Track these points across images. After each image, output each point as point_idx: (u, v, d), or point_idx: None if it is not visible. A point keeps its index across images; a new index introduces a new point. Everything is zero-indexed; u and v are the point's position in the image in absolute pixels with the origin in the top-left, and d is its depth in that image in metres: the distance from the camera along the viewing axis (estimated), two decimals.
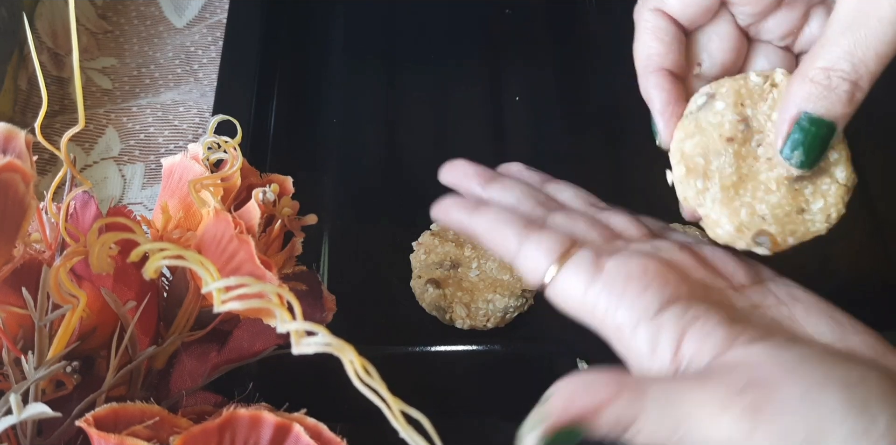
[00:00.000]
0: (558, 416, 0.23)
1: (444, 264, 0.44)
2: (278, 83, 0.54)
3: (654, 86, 0.31)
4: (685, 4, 0.31)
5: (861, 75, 0.26)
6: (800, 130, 0.27)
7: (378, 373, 0.23)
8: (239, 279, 0.24)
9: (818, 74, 0.26)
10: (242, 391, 0.32)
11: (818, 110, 0.26)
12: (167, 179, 0.35)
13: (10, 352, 0.28)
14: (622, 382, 0.24)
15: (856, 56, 0.26)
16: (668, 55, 0.31)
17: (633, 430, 0.23)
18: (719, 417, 0.23)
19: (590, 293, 0.27)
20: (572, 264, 0.27)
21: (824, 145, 0.27)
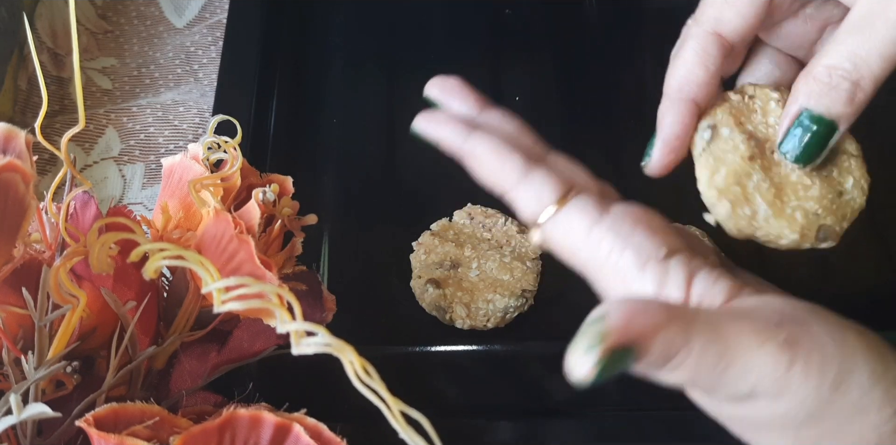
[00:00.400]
0: (618, 336, 0.22)
1: (444, 264, 0.44)
2: (278, 83, 0.54)
3: (673, 115, 0.30)
4: (744, 19, 0.29)
5: (863, 75, 0.26)
6: (799, 127, 0.27)
7: (378, 373, 0.23)
8: (239, 279, 0.24)
9: (821, 72, 0.26)
10: (242, 391, 0.32)
11: (818, 108, 0.27)
12: (167, 179, 0.35)
13: (10, 352, 0.28)
14: (673, 308, 0.23)
15: (859, 56, 0.26)
16: (705, 86, 0.30)
17: (675, 361, 0.23)
18: (759, 349, 0.23)
19: (594, 232, 0.25)
20: (578, 202, 0.26)
21: (823, 143, 0.27)
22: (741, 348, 0.23)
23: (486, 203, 0.47)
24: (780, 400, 0.23)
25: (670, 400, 0.42)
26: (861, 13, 0.26)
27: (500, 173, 0.27)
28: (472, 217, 0.46)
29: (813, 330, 0.24)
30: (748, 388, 0.23)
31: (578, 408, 0.42)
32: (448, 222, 0.46)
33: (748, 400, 0.24)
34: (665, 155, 0.30)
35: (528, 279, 0.43)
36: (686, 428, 0.40)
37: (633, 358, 0.22)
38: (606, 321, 0.22)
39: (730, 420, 0.26)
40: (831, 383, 0.23)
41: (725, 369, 0.23)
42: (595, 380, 0.22)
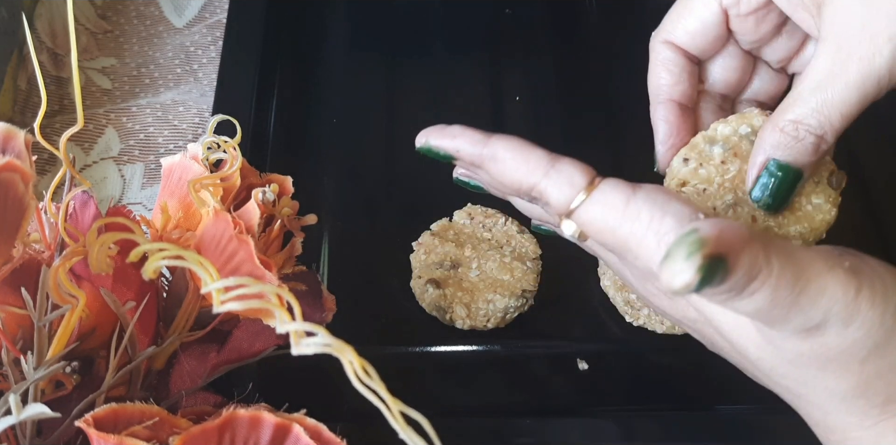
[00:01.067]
0: (715, 244, 0.22)
1: (444, 264, 0.44)
2: (278, 83, 0.54)
3: (660, 117, 0.33)
4: (692, 36, 0.33)
5: (826, 131, 0.29)
6: (768, 175, 0.29)
7: (378, 374, 0.23)
8: (238, 279, 0.24)
9: (788, 126, 0.29)
10: (242, 391, 0.32)
11: (786, 158, 0.29)
12: (167, 179, 0.35)
13: (9, 352, 0.28)
14: (752, 231, 0.24)
15: (822, 114, 0.28)
16: (676, 86, 0.33)
17: (756, 283, 0.23)
18: (829, 272, 0.24)
19: (631, 203, 0.25)
20: (609, 183, 0.26)
21: (790, 190, 0.30)
22: (814, 271, 0.23)
23: (486, 203, 0.47)
24: (849, 328, 0.24)
25: (671, 400, 0.42)
26: (823, 71, 0.28)
27: (525, 168, 0.27)
28: (472, 217, 0.46)
29: (870, 262, 0.25)
30: (820, 315, 0.24)
31: (579, 408, 0.41)
32: (448, 222, 0.46)
33: (818, 331, 0.24)
34: (668, 152, 0.33)
35: (529, 279, 0.43)
36: (686, 428, 0.40)
37: (724, 271, 0.22)
38: (700, 232, 0.22)
39: (791, 362, 0.26)
40: (892, 312, 0.24)
41: (801, 292, 0.23)
42: (698, 287, 0.22)
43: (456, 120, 0.53)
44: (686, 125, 0.34)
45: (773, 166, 0.29)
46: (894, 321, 0.24)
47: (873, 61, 0.27)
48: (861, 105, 0.28)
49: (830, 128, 0.28)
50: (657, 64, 0.34)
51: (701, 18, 0.32)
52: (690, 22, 0.33)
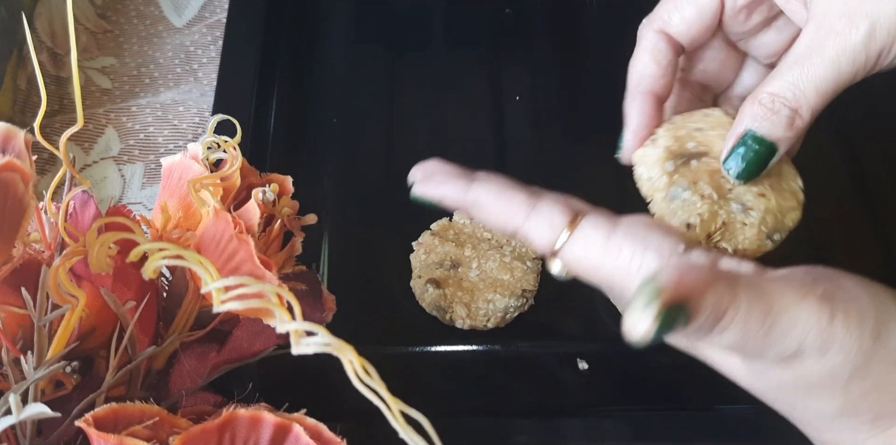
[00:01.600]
0: (672, 291, 0.22)
1: (444, 264, 0.44)
2: (278, 83, 0.54)
3: (637, 108, 0.33)
4: (689, 25, 0.33)
5: (801, 105, 0.29)
6: (743, 146, 0.29)
7: (378, 373, 0.23)
8: (238, 278, 0.24)
9: (765, 98, 0.29)
10: (242, 391, 0.32)
11: (761, 130, 0.29)
12: (167, 178, 0.35)
13: (9, 352, 0.28)
14: (717, 271, 0.24)
15: (798, 88, 0.28)
16: (660, 78, 0.33)
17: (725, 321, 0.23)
18: (801, 302, 0.24)
19: (612, 241, 0.26)
20: (589, 220, 0.26)
21: (763, 162, 0.29)
22: (784, 303, 0.24)
23: None
24: (827, 355, 0.24)
25: (671, 400, 0.42)
26: (803, 47, 0.29)
27: (507, 212, 0.28)
28: (473, 217, 0.46)
29: (845, 285, 0.25)
30: (795, 344, 0.24)
31: (579, 408, 0.41)
32: (448, 222, 0.46)
33: (796, 359, 0.24)
34: (635, 145, 0.33)
35: (529, 279, 0.43)
36: (686, 428, 0.40)
37: (686, 316, 0.22)
38: (659, 279, 0.23)
39: (777, 389, 0.26)
40: (870, 333, 0.24)
41: (772, 326, 0.24)
42: (654, 338, 0.22)
43: (456, 120, 0.53)
44: (659, 118, 0.34)
45: (749, 137, 0.29)
46: (872, 342, 0.24)
47: (849, 37, 0.27)
48: (837, 82, 0.28)
49: (805, 102, 0.28)
50: (646, 53, 0.33)
51: (699, 6, 0.32)
52: (688, 10, 0.32)
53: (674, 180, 0.30)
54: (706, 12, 0.32)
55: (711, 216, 0.30)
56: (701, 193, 0.30)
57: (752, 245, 0.30)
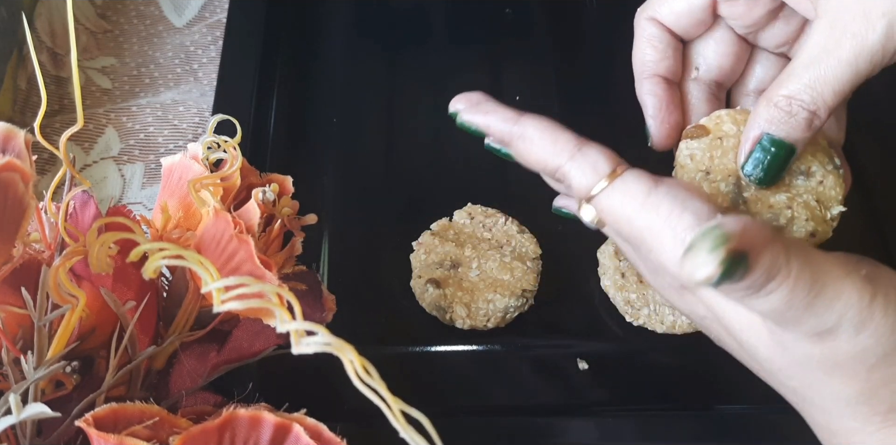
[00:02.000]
0: (739, 240, 0.22)
1: (444, 263, 0.44)
2: (278, 83, 0.54)
3: (647, 92, 0.33)
4: (677, 16, 0.33)
5: (819, 107, 0.28)
6: (761, 150, 0.29)
7: (378, 373, 0.23)
8: (238, 278, 0.24)
9: (781, 101, 0.28)
10: (242, 391, 0.32)
11: (779, 133, 0.29)
12: (167, 178, 0.35)
13: (9, 352, 0.28)
14: (774, 232, 0.24)
15: (815, 90, 0.28)
16: (661, 62, 0.33)
17: (775, 282, 0.23)
18: (846, 278, 0.24)
19: (652, 195, 0.25)
20: (632, 173, 0.26)
21: (782, 165, 0.29)
22: (831, 276, 0.24)
23: (486, 203, 0.47)
24: (861, 334, 0.24)
25: (671, 400, 0.42)
26: (817, 47, 0.28)
27: (553, 149, 0.27)
28: (473, 217, 0.46)
29: (887, 273, 0.25)
30: (834, 319, 0.24)
31: (579, 408, 0.41)
32: (448, 222, 0.46)
33: (829, 335, 0.24)
34: (660, 126, 0.33)
35: (529, 279, 0.43)
36: (686, 428, 0.40)
37: (745, 268, 0.22)
38: (725, 227, 0.22)
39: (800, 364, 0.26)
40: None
41: (817, 295, 0.24)
42: (718, 281, 0.22)
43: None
44: (675, 100, 0.33)
45: (767, 141, 0.29)
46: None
47: (866, 38, 0.27)
48: (854, 82, 0.28)
49: (823, 104, 0.28)
50: (642, 40, 0.33)
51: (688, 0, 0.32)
52: (677, 2, 0.32)
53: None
54: (695, 5, 0.32)
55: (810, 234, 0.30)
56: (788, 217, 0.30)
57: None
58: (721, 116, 0.31)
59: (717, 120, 0.31)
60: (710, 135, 0.31)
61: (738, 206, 0.30)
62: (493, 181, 0.48)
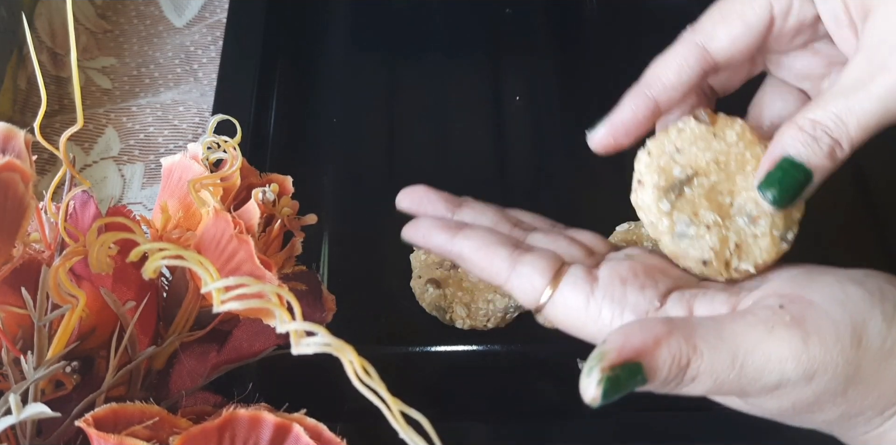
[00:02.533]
0: (617, 353, 0.23)
1: (444, 263, 0.44)
2: (278, 83, 0.54)
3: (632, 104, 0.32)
4: (732, 42, 0.31)
5: (842, 137, 0.28)
6: (780, 170, 0.28)
7: (378, 373, 0.23)
8: (238, 279, 0.24)
9: (806, 124, 0.28)
10: (242, 391, 0.32)
11: (800, 156, 0.28)
12: (167, 178, 0.35)
13: (9, 352, 0.28)
14: (672, 321, 0.25)
15: (841, 120, 0.27)
16: (671, 91, 0.31)
17: (691, 371, 0.24)
18: (770, 335, 0.24)
19: (592, 304, 0.27)
20: (569, 281, 0.28)
21: (799, 189, 0.28)
22: (752, 340, 0.24)
23: None
24: (813, 379, 0.24)
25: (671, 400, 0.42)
26: (851, 79, 0.28)
27: (490, 268, 0.29)
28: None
29: (815, 300, 0.25)
30: (776, 378, 0.24)
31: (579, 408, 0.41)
32: None
33: (782, 390, 0.24)
34: (606, 136, 0.32)
35: None
36: (686, 428, 0.40)
37: (642, 375, 0.23)
38: (606, 342, 0.24)
39: (779, 415, 0.27)
40: (850, 342, 0.24)
41: (742, 366, 0.24)
42: (603, 400, 0.23)
43: (456, 120, 0.53)
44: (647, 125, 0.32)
45: (786, 163, 0.28)
46: (855, 350, 0.24)
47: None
48: (882, 118, 0.27)
49: (847, 135, 0.28)
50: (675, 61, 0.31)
51: (747, 24, 0.30)
52: (736, 26, 0.30)
53: (674, 219, 0.30)
54: (754, 31, 0.30)
55: (723, 245, 0.29)
56: (705, 223, 0.29)
57: (771, 255, 0.29)
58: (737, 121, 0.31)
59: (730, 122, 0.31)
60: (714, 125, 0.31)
61: (670, 193, 0.30)
62: (493, 181, 0.48)
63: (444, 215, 0.32)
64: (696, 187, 0.30)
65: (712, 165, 0.30)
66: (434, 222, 0.31)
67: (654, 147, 0.31)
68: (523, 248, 0.30)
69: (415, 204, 0.33)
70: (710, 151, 0.30)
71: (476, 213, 0.32)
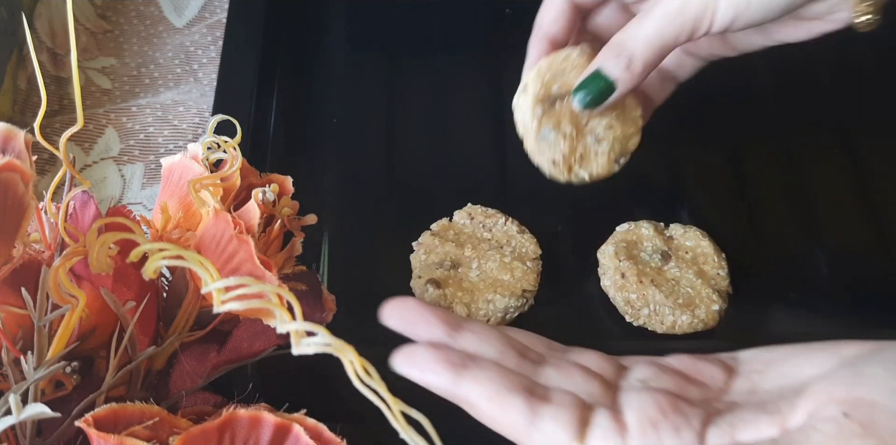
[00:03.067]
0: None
1: (444, 264, 0.44)
2: (278, 83, 0.54)
3: (536, 48, 0.40)
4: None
5: (633, 53, 0.35)
6: (590, 79, 0.36)
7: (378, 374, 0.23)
8: (238, 279, 0.24)
9: (612, 44, 0.35)
10: (242, 391, 0.32)
11: (605, 69, 0.35)
12: (167, 179, 0.35)
13: (9, 352, 0.28)
14: None
15: (631, 39, 0.35)
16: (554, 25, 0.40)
17: None
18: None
19: None
20: (597, 434, 0.25)
21: (603, 96, 0.36)
22: None
23: (486, 203, 0.47)
24: None
25: None
26: (647, 4, 0.35)
27: (505, 422, 0.26)
28: (473, 217, 0.46)
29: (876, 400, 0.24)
30: None
31: None
32: (448, 223, 0.46)
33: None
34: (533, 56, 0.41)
35: (529, 280, 0.43)
36: None
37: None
38: None
39: None
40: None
41: None
42: None
43: (456, 119, 0.53)
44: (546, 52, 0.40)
45: (596, 73, 0.36)
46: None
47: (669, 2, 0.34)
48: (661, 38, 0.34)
49: (637, 52, 0.34)
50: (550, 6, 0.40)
51: None
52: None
53: (542, 123, 0.38)
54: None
55: (571, 152, 0.38)
56: (564, 132, 0.38)
57: (604, 170, 0.38)
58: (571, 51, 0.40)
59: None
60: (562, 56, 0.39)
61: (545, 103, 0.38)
62: (494, 182, 0.48)
63: (442, 339, 0.28)
64: (566, 104, 0.38)
65: None
66: (433, 355, 0.27)
67: (545, 64, 0.39)
68: (538, 393, 0.27)
69: (405, 324, 0.29)
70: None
71: (479, 340, 0.28)
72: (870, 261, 0.45)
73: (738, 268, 0.44)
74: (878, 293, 0.44)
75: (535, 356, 0.29)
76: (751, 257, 0.45)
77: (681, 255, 0.44)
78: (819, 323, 0.43)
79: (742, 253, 0.45)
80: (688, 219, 0.46)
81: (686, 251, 0.44)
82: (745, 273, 0.44)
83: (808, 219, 0.47)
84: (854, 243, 0.46)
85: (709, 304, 0.41)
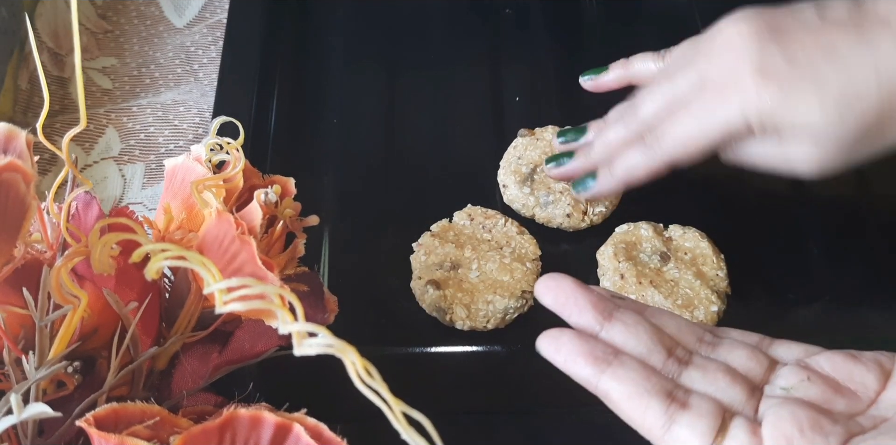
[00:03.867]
0: None
1: (444, 265, 0.44)
2: (278, 83, 0.54)
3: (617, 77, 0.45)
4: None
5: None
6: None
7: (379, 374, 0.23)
8: (241, 280, 0.24)
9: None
10: (243, 391, 0.32)
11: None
12: (170, 180, 0.35)
13: (11, 352, 0.28)
14: None
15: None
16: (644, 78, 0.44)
17: None
18: None
19: None
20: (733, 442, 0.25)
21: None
22: None
23: (486, 204, 0.47)
24: None
25: None
26: None
27: (642, 423, 0.26)
28: (472, 218, 0.46)
29: None
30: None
31: (579, 408, 0.42)
32: (448, 223, 0.46)
33: None
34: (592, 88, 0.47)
35: (528, 280, 0.43)
36: None
37: None
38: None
39: None
40: None
41: None
42: None
43: (456, 120, 0.53)
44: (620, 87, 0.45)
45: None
46: None
47: None
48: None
49: None
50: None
51: None
52: None
53: (537, 196, 0.45)
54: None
55: (576, 201, 0.45)
56: (558, 191, 0.45)
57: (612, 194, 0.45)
58: (547, 128, 0.48)
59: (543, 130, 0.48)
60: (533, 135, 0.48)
61: (527, 182, 0.46)
62: (493, 183, 0.49)
63: (592, 326, 0.28)
64: (540, 172, 0.46)
65: (543, 157, 0.46)
66: (579, 346, 0.27)
67: (504, 161, 0.47)
68: (678, 398, 0.26)
69: (560, 304, 0.29)
70: (538, 150, 0.47)
71: (628, 334, 0.28)
72: (870, 261, 0.45)
73: (737, 269, 0.44)
74: (879, 293, 0.44)
75: (683, 354, 0.29)
76: (750, 257, 0.45)
77: (680, 256, 0.44)
78: (818, 324, 0.43)
79: (741, 254, 0.45)
80: (687, 220, 0.46)
81: (685, 252, 0.44)
82: (744, 274, 0.44)
83: (807, 219, 0.47)
84: (854, 244, 0.46)
85: (707, 305, 0.41)
